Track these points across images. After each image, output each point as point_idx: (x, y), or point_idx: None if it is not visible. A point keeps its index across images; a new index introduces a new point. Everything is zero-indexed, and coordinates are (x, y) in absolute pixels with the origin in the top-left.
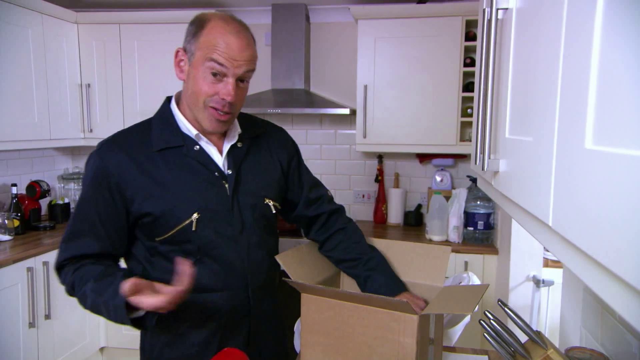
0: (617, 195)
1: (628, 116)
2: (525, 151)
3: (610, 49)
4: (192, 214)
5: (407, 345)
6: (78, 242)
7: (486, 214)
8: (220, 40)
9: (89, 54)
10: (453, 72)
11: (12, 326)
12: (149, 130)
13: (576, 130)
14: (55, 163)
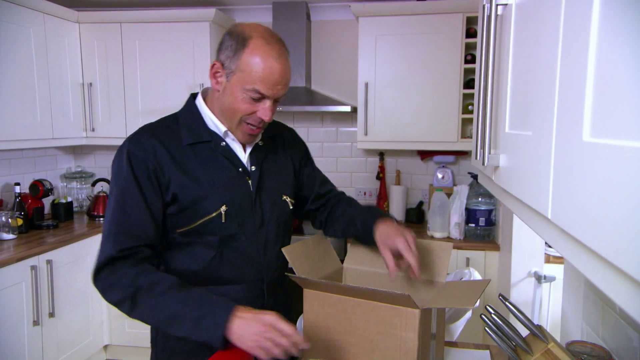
0: (615, 187)
1: (625, 108)
2: (525, 145)
3: (607, 43)
4: (220, 206)
5: (409, 339)
6: (130, 231)
7: (487, 211)
8: (262, 66)
9: (90, 53)
10: (454, 69)
11: (16, 324)
12: (177, 125)
13: (574, 123)
14: (58, 162)
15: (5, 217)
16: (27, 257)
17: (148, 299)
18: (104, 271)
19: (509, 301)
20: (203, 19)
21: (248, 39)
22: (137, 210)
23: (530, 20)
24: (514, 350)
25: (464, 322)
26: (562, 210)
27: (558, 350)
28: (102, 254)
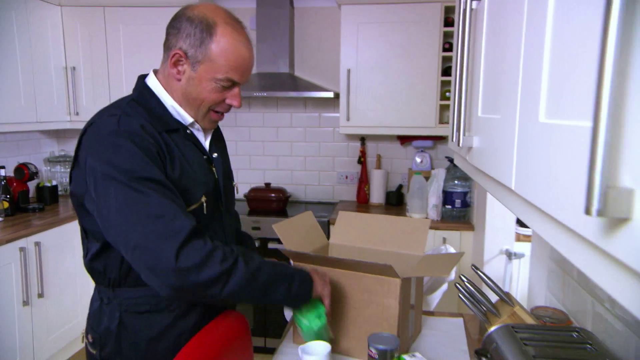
0: (563, 159)
1: (571, 95)
2: (494, 127)
3: (559, 38)
4: (201, 197)
5: (391, 306)
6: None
7: (463, 193)
8: (235, 55)
9: (73, 36)
10: (432, 57)
11: (7, 304)
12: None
13: (533, 107)
14: (41, 146)
15: None
16: (15, 239)
17: (246, 268)
18: (187, 249)
19: (480, 270)
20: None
21: (214, 26)
22: (172, 191)
23: (500, 16)
24: (484, 314)
25: (441, 294)
26: (523, 182)
27: (523, 313)
28: (180, 232)
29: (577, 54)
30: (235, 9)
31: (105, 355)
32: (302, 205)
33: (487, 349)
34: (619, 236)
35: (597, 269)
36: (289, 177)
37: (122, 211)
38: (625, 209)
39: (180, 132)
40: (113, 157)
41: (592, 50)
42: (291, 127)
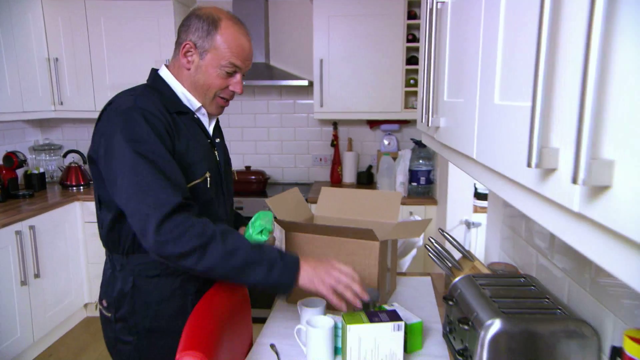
0: (512, 133)
1: (518, 81)
2: (458, 109)
3: (509, 34)
4: (205, 172)
5: (371, 265)
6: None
7: (427, 171)
8: (236, 43)
9: (55, 29)
10: (397, 47)
11: (6, 284)
12: (155, 95)
13: (490, 92)
14: (26, 135)
15: None
16: (11, 223)
17: (223, 246)
18: (168, 222)
19: (446, 232)
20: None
21: (218, 21)
22: (172, 165)
23: (461, 15)
24: (450, 269)
25: (411, 258)
26: (482, 151)
27: (481, 266)
28: (165, 205)
29: (521, 49)
30: (212, 2)
31: (120, 316)
32: (280, 186)
33: (453, 294)
34: (550, 181)
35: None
36: (267, 160)
37: (126, 177)
38: (553, 162)
39: (189, 115)
40: (126, 128)
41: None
42: (268, 114)
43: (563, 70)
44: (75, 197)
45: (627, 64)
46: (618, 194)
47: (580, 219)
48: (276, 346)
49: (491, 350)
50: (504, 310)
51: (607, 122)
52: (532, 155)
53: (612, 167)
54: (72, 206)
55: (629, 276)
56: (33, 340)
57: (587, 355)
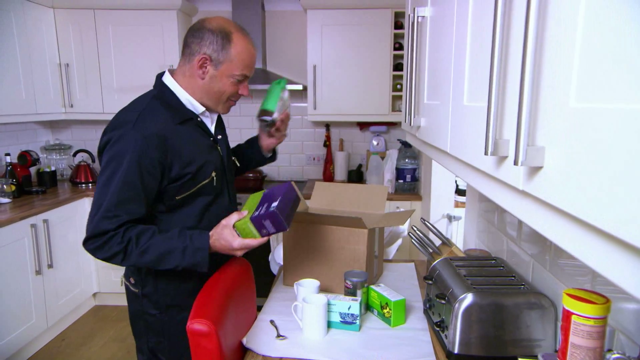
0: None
1: (481, 85)
2: (435, 110)
3: (475, 44)
4: (212, 172)
5: (360, 251)
6: (128, 208)
7: (413, 169)
8: (248, 55)
9: (66, 36)
10: (385, 55)
11: (22, 273)
12: (161, 106)
13: (460, 95)
14: (37, 135)
15: (0, 184)
16: (26, 216)
17: (137, 248)
18: (93, 240)
19: (428, 222)
20: (171, 8)
21: (230, 35)
22: (135, 192)
23: (439, 27)
24: (431, 254)
25: (396, 247)
26: (454, 146)
27: (458, 251)
28: (97, 228)
29: (483, 59)
30: (214, 12)
31: (146, 292)
32: (276, 183)
33: (432, 274)
34: (504, 166)
35: (491, 190)
36: None
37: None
38: (506, 151)
39: (193, 121)
40: (122, 148)
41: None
42: None
43: (512, 76)
44: (85, 193)
45: (552, 73)
46: (548, 173)
47: (524, 195)
48: (275, 321)
49: (464, 320)
50: (476, 287)
51: (539, 117)
52: (488, 145)
53: (543, 152)
54: (81, 202)
55: (560, 237)
56: (47, 325)
57: (545, 323)
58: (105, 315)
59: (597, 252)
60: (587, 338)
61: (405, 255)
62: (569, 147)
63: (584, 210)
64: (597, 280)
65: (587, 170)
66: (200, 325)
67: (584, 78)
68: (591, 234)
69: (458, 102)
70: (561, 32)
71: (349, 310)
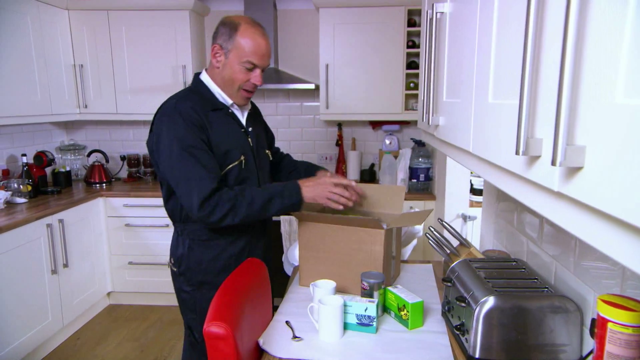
0: (503, 127)
1: (509, 82)
2: (456, 108)
3: (502, 39)
4: (240, 156)
5: (377, 252)
6: (213, 166)
7: (426, 168)
8: (252, 42)
9: (80, 37)
10: (398, 53)
11: (38, 272)
12: (196, 96)
13: (484, 92)
14: (53, 136)
15: (17, 184)
16: (43, 216)
17: (244, 200)
18: (207, 202)
19: (445, 222)
20: (183, 8)
21: (238, 25)
22: (207, 153)
23: (459, 24)
24: (448, 255)
25: (412, 247)
26: (477, 145)
27: (477, 252)
28: (203, 191)
29: (511, 55)
30: (226, 11)
31: (182, 270)
32: None
33: (451, 276)
34: (536, 167)
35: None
36: None
37: (175, 168)
38: (539, 150)
39: (224, 111)
40: (170, 128)
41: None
42: (276, 115)
43: (546, 72)
44: (99, 193)
45: (595, 69)
46: (589, 173)
47: (559, 197)
48: (291, 322)
49: (485, 324)
50: (497, 289)
51: (579, 115)
52: (519, 145)
53: (583, 152)
54: (96, 202)
55: (601, 241)
56: (62, 324)
57: (570, 328)
58: (119, 315)
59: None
60: (625, 347)
61: (419, 256)
62: (615, 146)
63: (631, 212)
64: (627, 283)
65: (635, 170)
66: (217, 328)
67: (634, 72)
68: (638, 238)
69: (482, 100)
70: (607, 22)
71: (365, 312)
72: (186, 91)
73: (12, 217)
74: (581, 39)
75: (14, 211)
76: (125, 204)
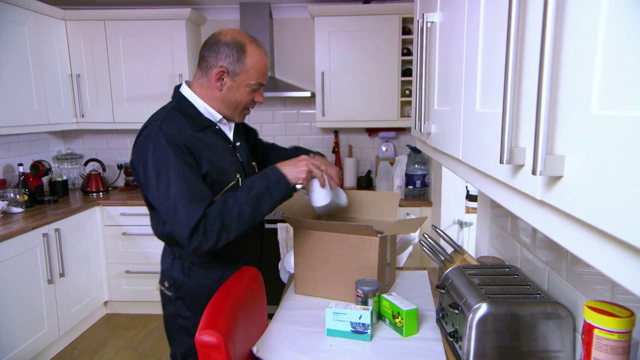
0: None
1: (494, 92)
2: (446, 116)
3: (487, 48)
4: (235, 175)
5: (372, 258)
6: (200, 192)
7: (422, 175)
8: (262, 65)
9: (77, 47)
10: (393, 61)
11: (34, 282)
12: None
13: (471, 101)
14: (50, 145)
15: (13, 194)
16: (39, 226)
17: (232, 213)
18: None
19: (439, 229)
20: (179, 17)
21: (244, 47)
22: (195, 178)
23: (449, 33)
24: (443, 262)
25: (407, 254)
26: (466, 153)
27: (471, 259)
28: (189, 221)
29: (496, 64)
30: (222, 21)
31: (180, 295)
32: None
33: (445, 283)
34: (519, 175)
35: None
36: None
37: (162, 195)
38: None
39: (211, 129)
40: (155, 153)
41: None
42: (273, 123)
43: (527, 82)
44: (96, 202)
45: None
46: (568, 182)
47: (542, 205)
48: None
49: (478, 331)
50: (490, 296)
51: (559, 125)
52: (503, 153)
53: (563, 161)
54: (92, 211)
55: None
56: (59, 334)
57: (563, 334)
58: (116, 324)
59: (621, 265)
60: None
61: (416, 263)
62: (591, 156)
63: (607, 221)
64: (616, 289)
65: (610, 179)
66: (209, 337)
67: (607, 84)
68: (614, 246)
69: (470, 109)
70: (581, 37)
71: (360, 320)
72: (171, 110)
73: (8, 227)
74: (558, 50)
75: (10, 221)
76: (122, 213)
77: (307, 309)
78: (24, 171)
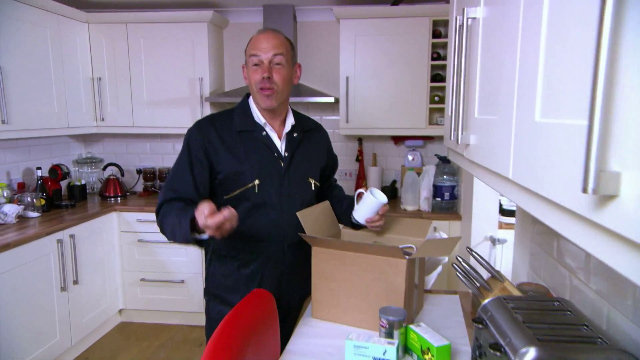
0: (560, 152)
1: (565, 97)
2: (492, 127)
3: (555, 45)
4: (254, 180)
5: (398, 283)
6: (176, 186)
7: (451, 186)
8: (255, 39)
9: (99, 50)
10: (422, 65)
11: (47, 289)
12: (232, 116)
13: (529, 108)
14: (70, 149)
15: (30, 198)
16: (53, 231)
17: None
18: (158, 212)
19: (474, 251)
20: (201, 20)
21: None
22: (183, 175)
23: (496, 31)
24: (478, 289)
25: (436, 275)
26: (519, 172)
27: (511, 288)
28: (159, 199)
29: (568, 63)
30: (244, 23)
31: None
32: None
33: (483, 317)
34: (609, 210)
35: (587, 239)
36: None
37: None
38: (613, 188)
39: (255, 133)
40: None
41: (586, 58)
42: None
43: (624, 84)
44: (113, 207)
45: None
46: None
47: None
48: None
49: None
50: (539, 338)
51: None
52: (588, 180)
53: None
54: (110, 216)
55: None
56: (71, 343)
57: None
58: (130, 333)
59: None
60: None
61: (443, 284)
62: None
63: None
64: None
65: None
66: None
67: None
68: None
69: (526, 118)
70: None
71: (384, 356)
72: (227, 110)
73: (22, 232)
74: None
75: (25, 226)
76: (139, 219)
77: (324, 337)
78: (42, 175)
